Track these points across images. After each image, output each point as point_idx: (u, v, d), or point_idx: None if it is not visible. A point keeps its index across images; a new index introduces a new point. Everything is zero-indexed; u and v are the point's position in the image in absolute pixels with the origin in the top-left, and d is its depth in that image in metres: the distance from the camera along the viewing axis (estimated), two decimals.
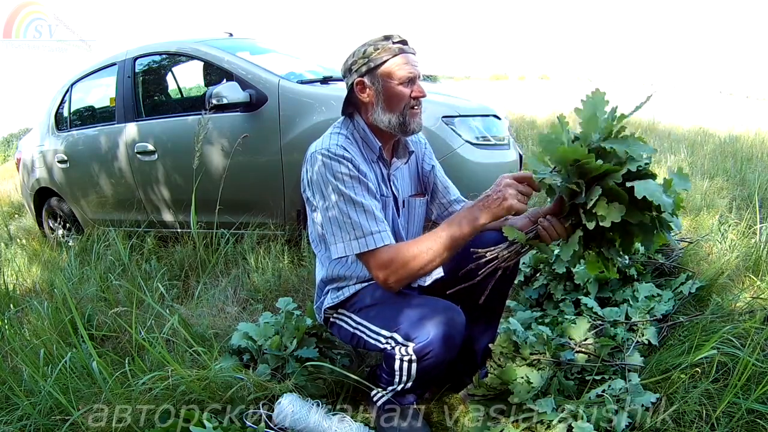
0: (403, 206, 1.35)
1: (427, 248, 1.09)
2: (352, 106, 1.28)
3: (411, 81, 1.21)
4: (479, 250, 1.10)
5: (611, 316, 1.61)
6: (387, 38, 1.20)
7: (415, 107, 1.23)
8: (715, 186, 3.22)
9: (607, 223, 0.93)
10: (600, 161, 0.93)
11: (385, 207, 1.26)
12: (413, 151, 1.37)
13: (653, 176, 0.95)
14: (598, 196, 0.93)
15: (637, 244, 1.04)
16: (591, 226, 0.96)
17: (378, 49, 1.19)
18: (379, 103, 1.22)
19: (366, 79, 1.21)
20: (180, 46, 2.85)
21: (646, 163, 0.95)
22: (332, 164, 1.16)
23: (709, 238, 2.10)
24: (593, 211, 0.95)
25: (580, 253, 1.05)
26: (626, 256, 1.77)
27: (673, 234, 1.27)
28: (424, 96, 1.23)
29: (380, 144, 1.26)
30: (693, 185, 3.12)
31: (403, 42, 1.21)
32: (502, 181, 1.07)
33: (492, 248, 1.10)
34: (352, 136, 1.25)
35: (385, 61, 1.19)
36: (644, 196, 0.89)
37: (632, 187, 0.91)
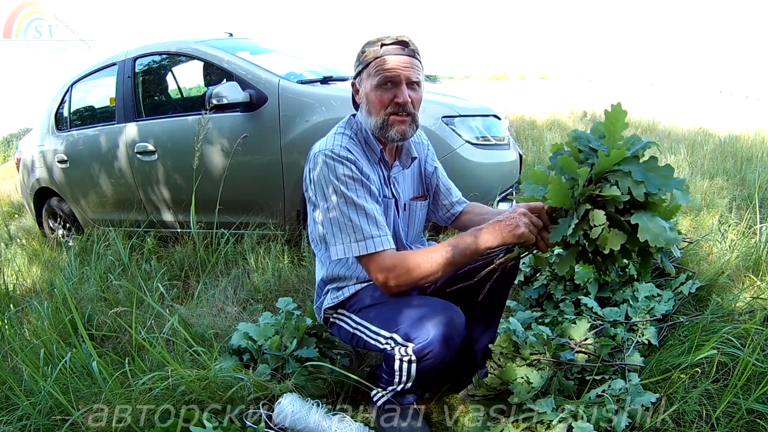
0: (404, 209, 1.34)
1: (432, 260, 1.09)
2: (356, 106, 1.28)
3: (392, 84, 1.15)
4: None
5: (611, 316, 1.61)
6: (378, 39, 1.17)
7: (399, 113, 1.17)
8: (715, 186, 3.22)
9: (606, 250, 0.93)
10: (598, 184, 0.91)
11: (386, 209, 1.26)
12: (416, 158, 1.36)
13: (659, 207, 0.92)
14: (602, 223, 0.92)
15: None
16: (590, 248, 0.96)
17: (365, 51, 1.18)
18: (364, 106, 1.22)
19: (357, 81, 1.22)
20: (180, 46, 2.85)
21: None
22: (335, 165, 1.15)
23: (709, 238, 2.10)
24: (594, 239, 0.94)
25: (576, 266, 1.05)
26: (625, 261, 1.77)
27: (672, 259, 1.23)
28: (404, 102, 1.15)
29: (381, 147, 1.25)
30: (693, 185, 3.13)
31: (397, 43, 1.15)
32: (517, 210, 1.05)
33: (489, 255, 1.10)
34: (355, 136, 1.24)
35: (369, 64, 1.17)
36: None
37: (636, 223, 0.89)
